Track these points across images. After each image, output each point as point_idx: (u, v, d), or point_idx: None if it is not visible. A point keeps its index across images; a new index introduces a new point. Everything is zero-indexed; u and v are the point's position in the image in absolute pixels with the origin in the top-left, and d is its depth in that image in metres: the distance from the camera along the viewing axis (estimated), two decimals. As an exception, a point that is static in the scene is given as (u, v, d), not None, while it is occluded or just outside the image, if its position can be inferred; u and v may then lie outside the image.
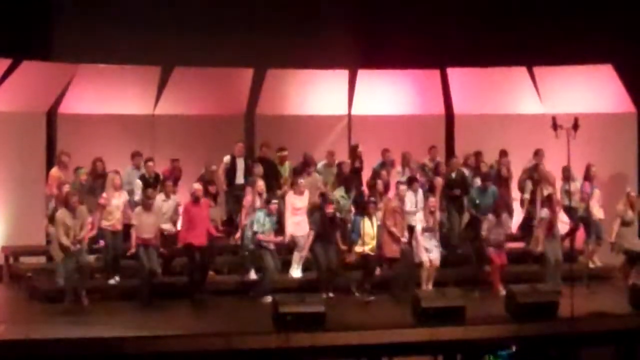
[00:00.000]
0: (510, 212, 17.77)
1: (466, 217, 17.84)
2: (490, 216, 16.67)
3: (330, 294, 15.97)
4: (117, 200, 16.19)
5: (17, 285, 16.90)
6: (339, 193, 17.33)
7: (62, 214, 15.25)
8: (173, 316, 15.03)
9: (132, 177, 17.30)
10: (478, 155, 18.43)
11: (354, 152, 18.37)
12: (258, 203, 16.45)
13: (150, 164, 17.38)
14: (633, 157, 19.41)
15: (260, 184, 16.73)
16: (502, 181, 18.01)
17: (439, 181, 17.53)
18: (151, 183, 16.88)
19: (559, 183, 17.83)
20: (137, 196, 16.67)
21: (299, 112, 19.71)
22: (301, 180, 17.00)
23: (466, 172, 18.20)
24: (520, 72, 19.99)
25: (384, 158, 18.26)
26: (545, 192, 17.52)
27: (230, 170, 17.77)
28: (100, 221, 16.03)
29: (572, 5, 20.23)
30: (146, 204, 15.79)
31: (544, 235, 16.58)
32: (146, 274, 15.51)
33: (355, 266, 16.51)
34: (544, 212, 16.79)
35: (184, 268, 16.35)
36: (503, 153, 18.42)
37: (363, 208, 16.48)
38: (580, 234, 17.75)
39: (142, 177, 17.14)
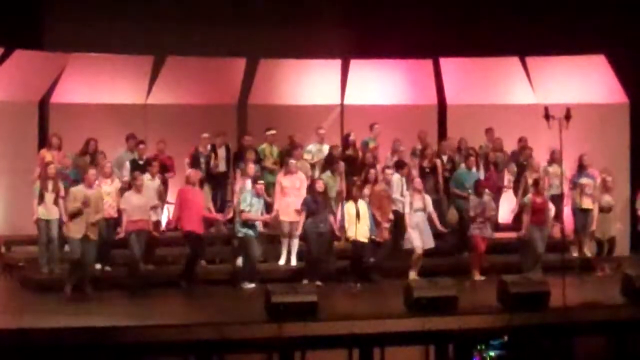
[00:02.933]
0: (499, 194, 17.82)
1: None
2: (473, 197, 16.72)
3: (318, 283, 15.94)
4: (107, 187, 16.11)
5: (9, 275, 16.88)
6: (325, 175, 17.38)
7: (78, 189, 15.20)
8: (165, 305, 15.04)
9: (124, 159, 17.31)
10: (462, 142, 18.49)
11: (346, 141, 18.42)
12: (249, 186, 16.45)
13: (141, 146, 17.39)
14: (625, 147, 19.41)
15: (252, 166, 16.76)
16: (490, 164, 18.08)
17: (439, 162, 17.75)
18: (141, 166, 16.87)
19: (543, 165, 17.95)
20: (125, 177, 16.66)
21: (292, 102, 19.70)
22: (292, 161, 17.03)
23: (456, 157, 18.33)
24: (513, 62, 19.99)
25: (372, 132, 18.39)
26: (530, 180, 17.57)
27: (212, 159, 17.83)
28: None
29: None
30: (135, 186, 15.76)
31: (528, 221, 16.63)
32: (137, 262, 15.49)
33: (346, 255, 16.55)
34: (526, 198, 16.87)
35: (174, 257, 16.38)
36: (488, 131, 18.57)
37: (348, 192, 16.54)
38: (570, 224, 17.79)
39: (132, 161, 17.14)
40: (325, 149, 18.24)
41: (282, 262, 16.82)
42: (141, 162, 17.10)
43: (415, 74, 20.16)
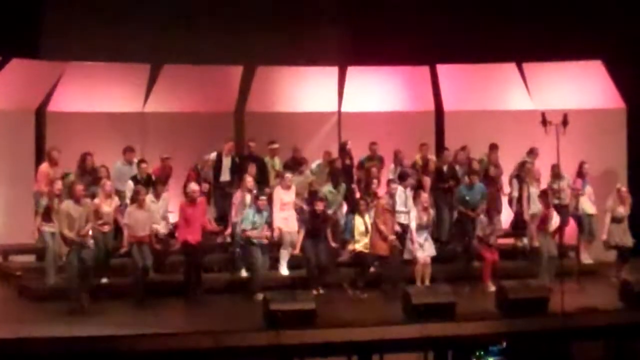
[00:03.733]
0: (499, 211, 17.77)
1: (455, 214, 17.88)
2: (483, 217, 16.69)
3: (320, 291, 15.93)
4: (108, 208, 16.06)
5: (6, 284, 16.84)
6: (326, 188, 17.32)
7: (66, 205, 15.13)
8: (164, 314, 15.01)
9: (122, 172, 17.26)
10: (464, 149, 18.45)
11: (343, 149, 18.39)
12: (248, 199, 16.41)
13: (143, 165, 17.26)
14: (622, 153, 19.41)
15: (249, 180, 16.69)
16: (490, 179, 18.02)
17: (427, 180, 17.52)
18: (143, 185, 16.78)
19: (547, 180, 17.87)
20: (128, 200, 16.51)
21: (289, 109, 19.69)
22: (287, 175, 16.96)
23: (457, 168, 18.23)
24: (510, 68, 20.01)
25: (371, 151, 18.31)
26: (532, 189, 17.54)
27: (216, 168, 17.75)
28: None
29: (561, 1, 20.23)
30: (138, 202, 15.72)
31: (536, 230, 16.60)
32: (139, 272, 15.46)
33: (347, 263, 16.53)
34: (536, 208, 16.83)
35: (177, 266, 16.36)
36: (493, 147, 18.45)
37: (355, 206, 16.49)
38: (572, 229, 17.79)
39: (134, 178, 17.06)
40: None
41: (281, 270, 16.74)
42: (142, 181, 16.88)
43: (413, 81, 20.16)
